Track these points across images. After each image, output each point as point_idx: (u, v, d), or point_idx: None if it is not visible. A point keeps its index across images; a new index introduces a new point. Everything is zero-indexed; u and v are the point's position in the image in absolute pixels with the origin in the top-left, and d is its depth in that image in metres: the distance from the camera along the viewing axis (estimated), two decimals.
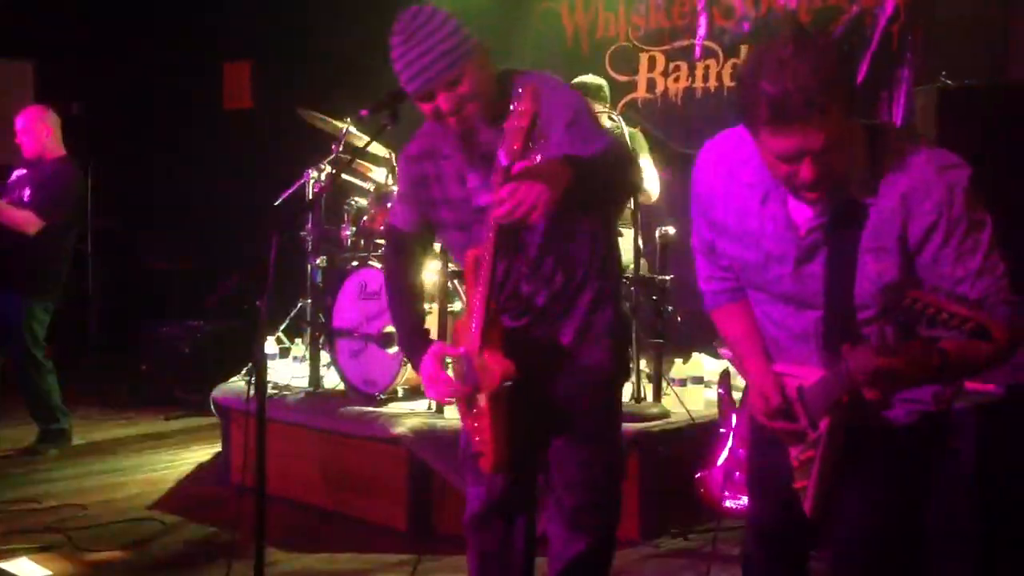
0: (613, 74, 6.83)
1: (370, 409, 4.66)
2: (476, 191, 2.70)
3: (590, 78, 5.50)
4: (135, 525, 4.49)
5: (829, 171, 2.05)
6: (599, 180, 2.51)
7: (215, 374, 5.66)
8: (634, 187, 2.82)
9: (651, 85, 6.73)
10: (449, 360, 2.81)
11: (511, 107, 2.35)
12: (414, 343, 2.83)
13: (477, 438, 2.71)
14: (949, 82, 4.73)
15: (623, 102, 6.82)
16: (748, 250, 2.29)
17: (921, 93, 4.77)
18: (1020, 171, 4.55)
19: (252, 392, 5.01)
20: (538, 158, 2.40)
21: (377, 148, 5.22)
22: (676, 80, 6.64)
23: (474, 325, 2.60)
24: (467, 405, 2.75)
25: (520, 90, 2.34)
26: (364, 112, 2.97)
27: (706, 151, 2.37)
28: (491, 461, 2.69)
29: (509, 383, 2.59)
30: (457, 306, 4.67)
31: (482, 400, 2.65)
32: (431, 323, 4.43)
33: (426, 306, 3.98)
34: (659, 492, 4.29)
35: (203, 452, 5.76)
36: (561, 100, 2.60)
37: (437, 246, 3.81)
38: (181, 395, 6.86)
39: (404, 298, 2.93)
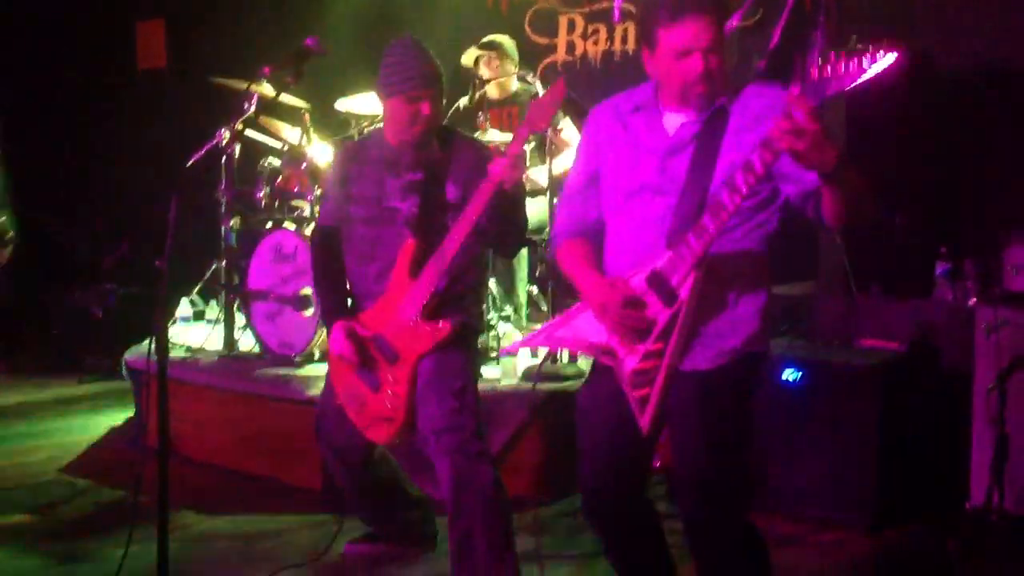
0: (533, 36, 6.81)
1: (286, 371, 4.63)
2: (389, 195, 3.33)
3: (501, 37, 5.48)
4: (44, 489, 4.42)
5: (713, 71, 2.53)
6: (516, 219, 3.24)
7: (128, 338, 5.57)
8: (522, 238, 3.47)
9: (570, 48, 6.72)
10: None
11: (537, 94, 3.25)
12: (331, 313, 3.40)
13: (388, 406, 3.22)
14: (860, 46, 4.81)
15: (543, 65, 6.81)
16: (624, 156, 2.68)
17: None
18: (923, 132, 4.68)
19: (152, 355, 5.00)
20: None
21: (292, 107, 5.16)
22: (595, 43, 6.65)
23: (414, 299, 3.20)
24: (369, 382, 3.27)
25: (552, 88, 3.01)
26: (267, 70, 3.04)
27: (599, 104, 2.82)
28: (397, 426, 3.21)
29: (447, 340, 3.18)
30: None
31: (405, 365, 3.21)
32: None
33: None
34: (571, 451, 4.32)
35: (116, 416, 5.66)
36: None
37: None
38: (93, 359, 6.74)
39: (330, 283, 3.50)
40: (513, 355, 4.49)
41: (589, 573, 3.56)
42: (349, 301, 3.46)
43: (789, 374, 4.03)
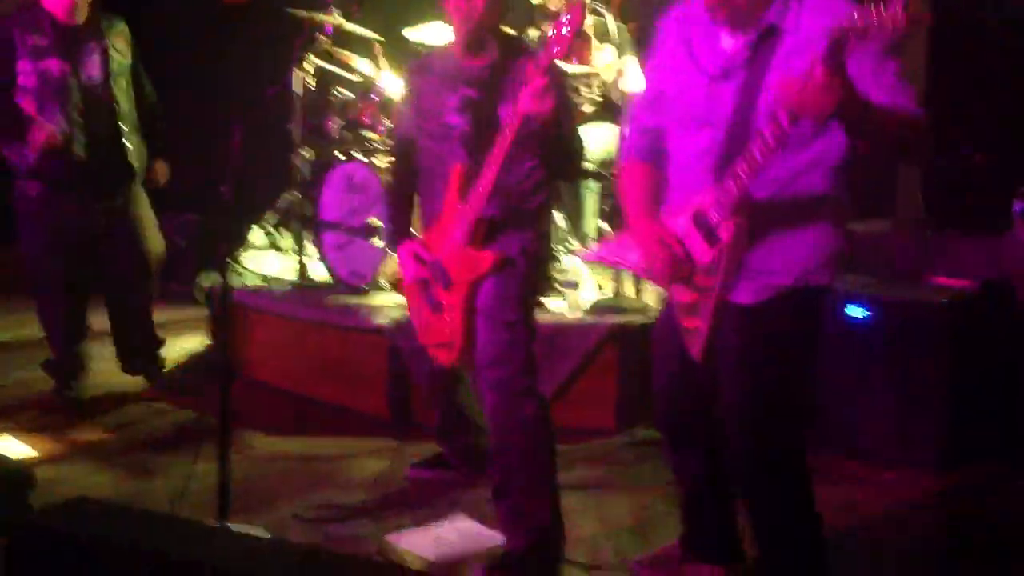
0: None
1: (354, 300, 4.71)
2: (449, 110, 3.21)
3: None
4: (125, 410, 4.58)
5: None
6: (559, 150, 3.14)
7: (210, 267, 5.70)
8: (576, 170, 3.48)
9: None
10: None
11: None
12: (397, 234, 3.42)
13: (446, 330, 3.20)
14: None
15: None
16: (679, 78, 2.58)
17: None
18: (1006, 67, 4.51)
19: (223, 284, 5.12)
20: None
21: (363, 38, 5.18)
22: None
23: (462, 224, 3.13)
24: (431, 305, 3.24)
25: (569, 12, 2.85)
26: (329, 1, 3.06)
27: (670, 12, 2.68)
28: (457, 351, 3.17)
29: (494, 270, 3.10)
30: None
31: (458, 291, 3.15)
32: None
33: None
34: (636, 383, 4.34)
35: (196, 341, 5.82)
36: (561, 77, 3.23)
37: None
38: (178, 287, 6.91)
39: (400, 201, 3.49)
40: (577, 288, 4.48)
41: (644, 504, 3.58)
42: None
43: (855, 311, 3.96)
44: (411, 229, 3.44)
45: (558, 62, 3.18)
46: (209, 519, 3.04)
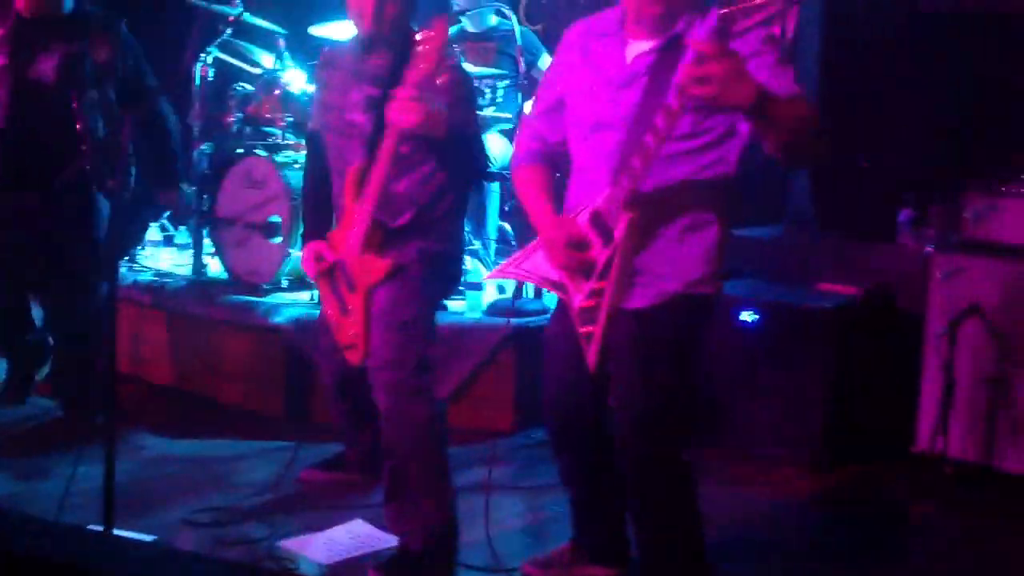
0: None
1: (251, 298, 4.66)
2: (352, 107, 3.17)
3: None
4: (6, 407, 4.45)
5: None
6: (457, 154, 3.05)
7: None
8: (476, 173, 3.41)
9: None
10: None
11: (418, 39, 2.80)
12: (307, 234, 3.41)
13: (351, 332, 3.17)
14: None
15: None
16: (584, 87, 2.65)
17: None
18: (897, 74, 4.66)
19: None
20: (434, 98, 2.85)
21: (267, 32, 5.12)
22: None
23: (358, 229, 3.09)
24: (340, 306, 3.22)
25: (433, 27, 2.78)
26: None
27: (574, 24, 2.79)
28: (362, 352, 3.15)
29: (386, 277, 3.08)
30: None
31: (358, 295, 3.13)
32: None
33: None
34: (534, 385, 4.37)
35: None
36: (462, 83, 3.13)
37: None
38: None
39: (310, 199, 3.48)
40: (479, 289, 4.51)
41: (538, 505, 3.63)
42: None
43: (746, 315, 4.06)
44: (324, 228, 3.33)
45: (467, 67, 3.19)
46: (94, 524, 2.98)
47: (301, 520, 3.42)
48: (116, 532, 2.98)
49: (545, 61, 5.10)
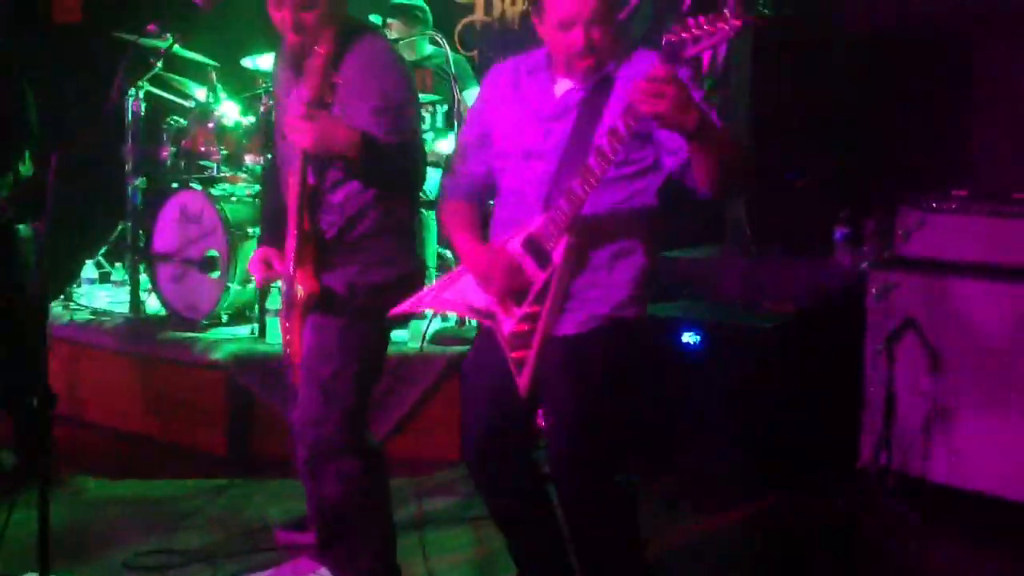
0: None
1: (190, 334, 4.59)
2: (290, 108, 2.88)
3: None
4: None
5: (596, 43, 2.52)
6: (381, 166, 2.79)
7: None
8: (410, 186, 3.04)
9: (488, 7, 6.69)
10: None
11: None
12: (261, 237, 3.29)
13: (289, 351, 3.06)
14: (765, 11, 4.86)
15: (461, 24, 6.77)
16: (512, 120, 2.68)
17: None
18: (826, 96, 4.75)
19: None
20: (335, 109, 2.73)
21: (199, 64, 5.08)
22: (514, 3, 6.63)
23: (290, 243, 2.93)
24: (288, 321, 3.07)
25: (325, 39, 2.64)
26: (151, 27, 2.96)
27: (498, 63, 2.82)
28: (295, 352, 3.03)
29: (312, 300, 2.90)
30: None
31: (295, 314, 2.98)
32: None
33: None
34: None
35: None
36: (379, 84, 2.84)
37: None
38: None
39: (272, 203, 3.21)
40: (412, 319, 4.47)
41: (485, 536, 3.60)
42: None
43: (688, 336, 4.09)
44: (280, 235, 3.06)
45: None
46: (30, 572, 2.90)
47: (246, 561, 3.36)
48: None
49: (474, 90, 5.12)
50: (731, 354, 4.03)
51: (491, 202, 2.86)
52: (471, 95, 5.12)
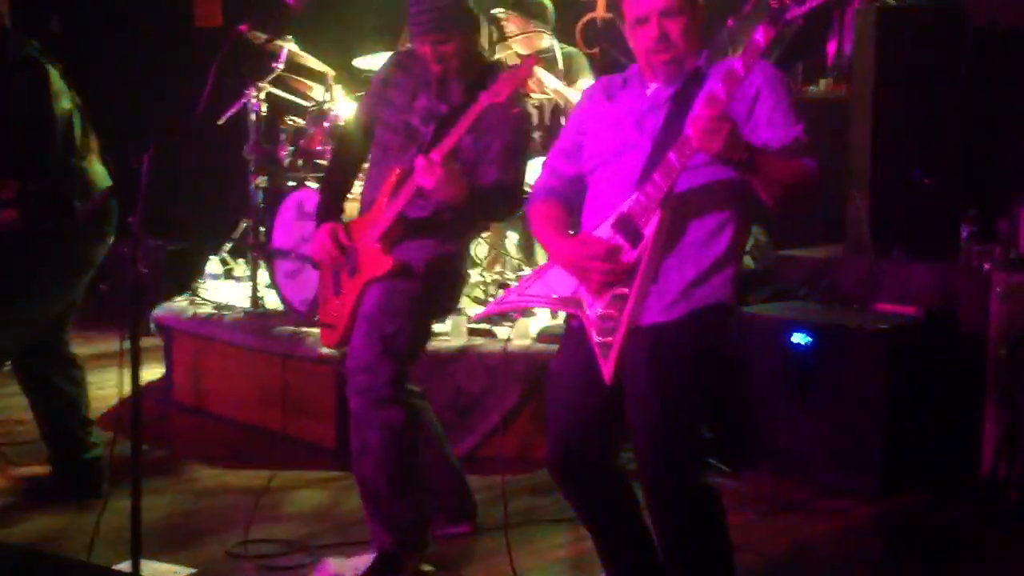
0: None
1: (302, 329, 4.69)
2: (416, 111, 3.31)
3: None
4: None
5: (670, 36, 2.54)
6: (477, 205, 3.19)
7: (172, 294, 5.68)
8: (498, 219, 3.82)
9: (611, 4, 6.61)
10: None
11: (486, 85, 3.01)
12: (324, 215, 3.41)
13: (335, 314, 3.35)
14: (891, 2, 4.66)
15: (584, 21, 6.70)
16: (607, 124, 2.70)
17: (860, 14, 4.72)
18: (953, 90, 4.51)
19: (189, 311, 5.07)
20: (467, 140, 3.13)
21: (316, 66, 5.19)
22: None
23: (382, 222, 3.22)
24: (335, 286, 3.37)
25: (501, 81, 2.98)
26: (244, 27, 3.06)
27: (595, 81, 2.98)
28: (338, 335, 3.33)
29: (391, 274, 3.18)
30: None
31: (357, 282, 3.26)
32: None
33: None
34: None
35: (154, 371, 5.79)
36: (514, 126, 3.27)
37: None
38: (139, 315, 6.86)
39: (333, 181, 3.55)
40: (490, 319, 4.48)
41: (585, 535, 3.54)
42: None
43: (799, 338, 3.95)
44: (338, 213, 3.43)
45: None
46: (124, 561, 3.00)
47: (346, 550, 3.39)
48: (153, 564, 3.00)
49: (587, 81, 5.07)
50: (844, 356, 3.88)
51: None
52: (585, 85, 5.08)
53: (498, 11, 5.23)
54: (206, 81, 2.98)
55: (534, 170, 4.81)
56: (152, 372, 5.74)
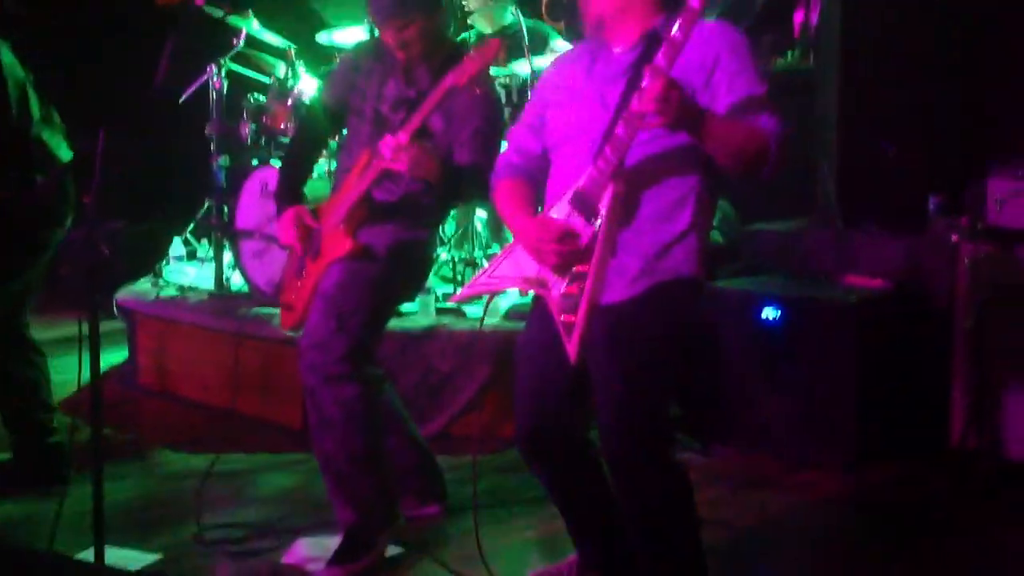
0: None
1: (269, 310, 4.62)
2: (386, 99, 3.28)
3: None
4: None
5: None
6: (452, 184, 3.13)
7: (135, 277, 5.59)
8: (475, 200, 3.72)
9: None
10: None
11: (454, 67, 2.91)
12: (287, 197, 3.38)
13: (294, 295, 3.33)
14: None
15: None
16: (571, 96, 2.64)
17: None
18: (917, 72, 4.50)
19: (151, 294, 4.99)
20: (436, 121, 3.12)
21: (277, 42, 5.11)
22: None
23: (346, 203, 3.18)
24: (298, 268, 3.35)
25: (466, 61, 2.89)
26: (199, 2, 3.00)
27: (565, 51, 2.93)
28: (296, 317, 3.31)
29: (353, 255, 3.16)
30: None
31: (319, 264, 3.23)
32: None
33: None
34: None
35: (117, 355, 5.71)
36: (483, 109, 3.21)
37: None
38: (100, 298, 6.75)
39: (294, 163, 3.51)
40: (464, 303, 4.42)
41: (556, 515, 3.52)
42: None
43: (768, 312, 3.94)
44: (299, 194, 3.41)
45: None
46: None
47: (314, 534, 3.36)
48: (118, 550, 2.95)
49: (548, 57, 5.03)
50: (813, 329, 3.87)
51: None
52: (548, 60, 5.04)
53: None
54: (162, 57, 2.89)
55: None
56: (116, 356, 5.67)
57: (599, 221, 2.46)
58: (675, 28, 2.30)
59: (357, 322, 3.14)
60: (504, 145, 2.97)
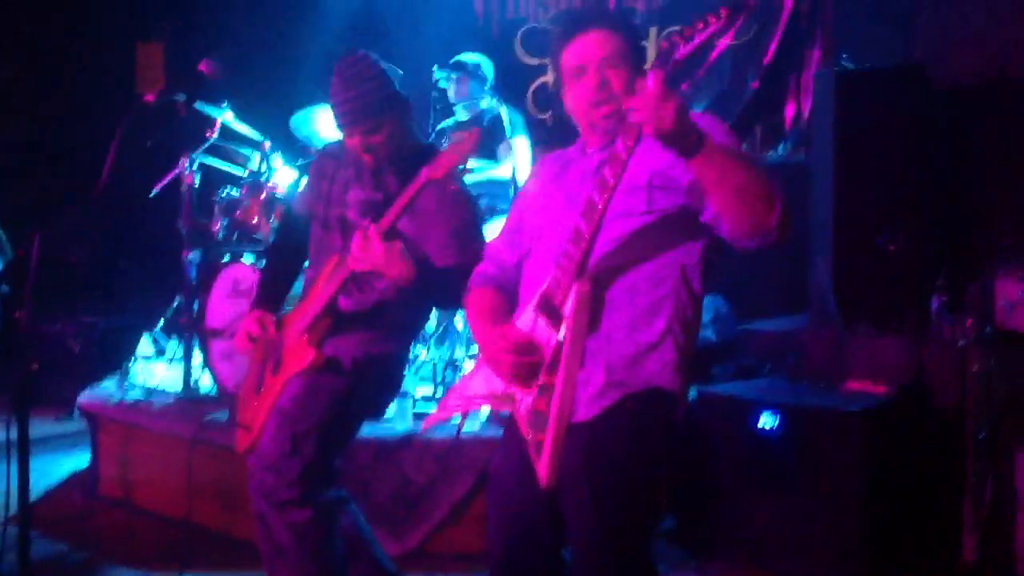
0: (524, 56, 6.63)
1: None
2: (352, 205, 3.11)
3: (467, 56, 5.25)
4: None
5: (609, 85, 2.34)
6: (431, 286, 2.90)
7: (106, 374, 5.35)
8: (454, 306, 3.35)
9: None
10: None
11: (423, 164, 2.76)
12: (260, 299, 3.23)
13: (252, 415, 3.08)
14: (848, 65, 4.52)
15: (534, 86, 6.60)
16: (548, 201, 2.50)
17: (819, 78, 4.58)
18: (917, 152, 4.35)
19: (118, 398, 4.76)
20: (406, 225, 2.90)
21: (251, 134, 4.95)
22: None
23: (310, 312, 2.99)
24: (256, 383, 3.13)
25: (443, 155, 2.73)
26: (149, 97, 2.91)
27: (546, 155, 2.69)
28: (251, 438, 3.05)
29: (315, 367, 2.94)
30: None
31: (279, 379, 3.02)
32: None
33: None
34: None
35: (83, 459, 5.43)
36: (460, 208, 3.03)
37: None
38: (72, 395, 6.51)
39: (270, 271, 3.37)
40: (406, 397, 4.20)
41: None
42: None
43: (766, 420, 3.71)
44: (276, 303, 3.25)
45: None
46: None
47: None
48: None
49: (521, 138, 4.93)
50: (815, 439, 3.63)
51: None
52: (520, 143, 4.93)
53: (440, 75, 5.04)
54: (110, 151, 2.72)
55: None
56: (80, 460, 5.39)
57: (563, 327, 2.24)
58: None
59: (313, 443, 2.93)
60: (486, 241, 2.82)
